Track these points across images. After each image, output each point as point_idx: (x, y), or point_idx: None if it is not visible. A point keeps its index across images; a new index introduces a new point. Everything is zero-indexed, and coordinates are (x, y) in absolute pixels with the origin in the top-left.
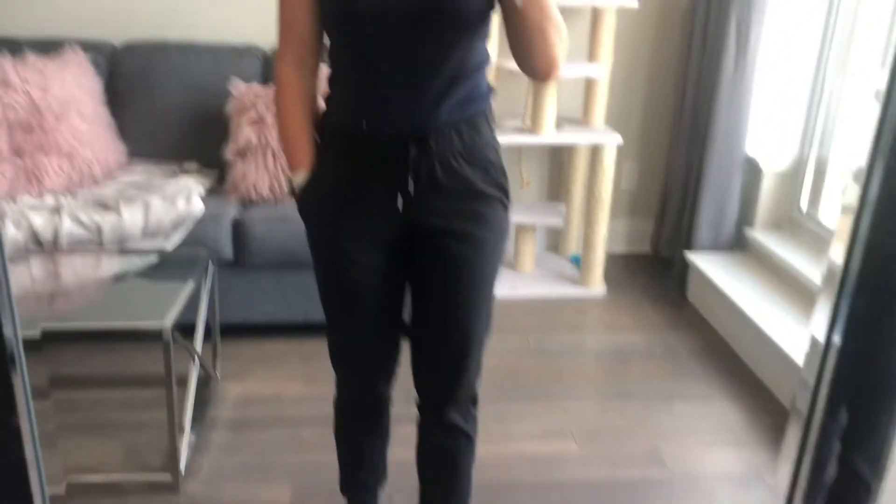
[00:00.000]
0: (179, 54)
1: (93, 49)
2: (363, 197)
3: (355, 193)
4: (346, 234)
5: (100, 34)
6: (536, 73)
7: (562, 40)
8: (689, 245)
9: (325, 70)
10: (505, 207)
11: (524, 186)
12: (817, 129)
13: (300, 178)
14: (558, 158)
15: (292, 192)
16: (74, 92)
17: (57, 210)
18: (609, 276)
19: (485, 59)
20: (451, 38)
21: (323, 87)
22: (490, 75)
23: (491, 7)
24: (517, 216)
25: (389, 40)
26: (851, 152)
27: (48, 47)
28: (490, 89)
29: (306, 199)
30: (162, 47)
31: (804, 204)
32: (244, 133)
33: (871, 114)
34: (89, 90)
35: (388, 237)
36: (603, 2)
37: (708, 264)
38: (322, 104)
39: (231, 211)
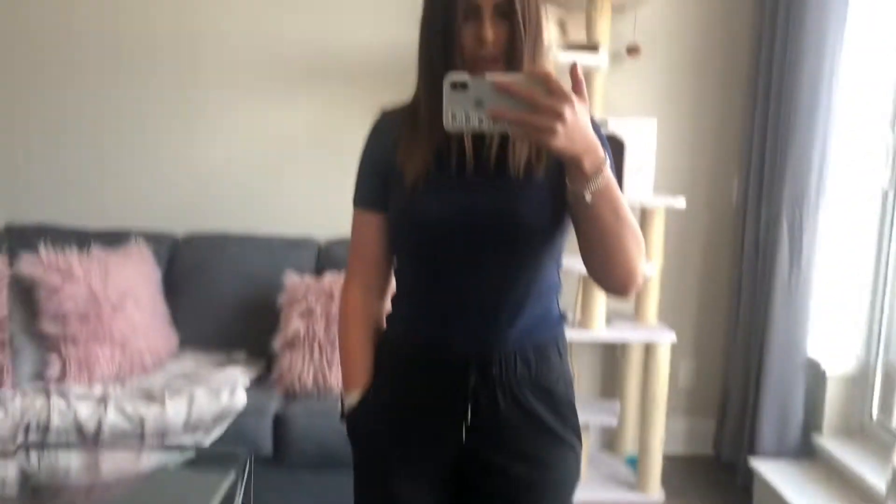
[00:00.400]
0: (237, 246)
1: (155, 240)
2: (417, 426)
3: (409, 422)
4: (395, 464)
5: (164, 226)
6: (615, 286)
7: (640, 248)
8: (752, 450)
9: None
10: (575, 452)
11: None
12: (883, 330)
13: (353, 399)
14: (611, 353)
15: (342, 412)
16: (133, 282)
17: (103, 400)
18: (668, 480)
19: (556, 283)
20: (521, 256)
21: (387, 306)
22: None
23: (561, 223)
24: None
25: (457, 255)
26: None
27: (114, 239)
28: (562, 316)
29: (357, 420)
30: (221, 239)
31: (875, 410)
32: (293, 324)
33: None
34: (148, 280)
35: (440, 470)
36: (650, 202)
37: (774, 474)
38: (384, 324)
39: (274, 405)
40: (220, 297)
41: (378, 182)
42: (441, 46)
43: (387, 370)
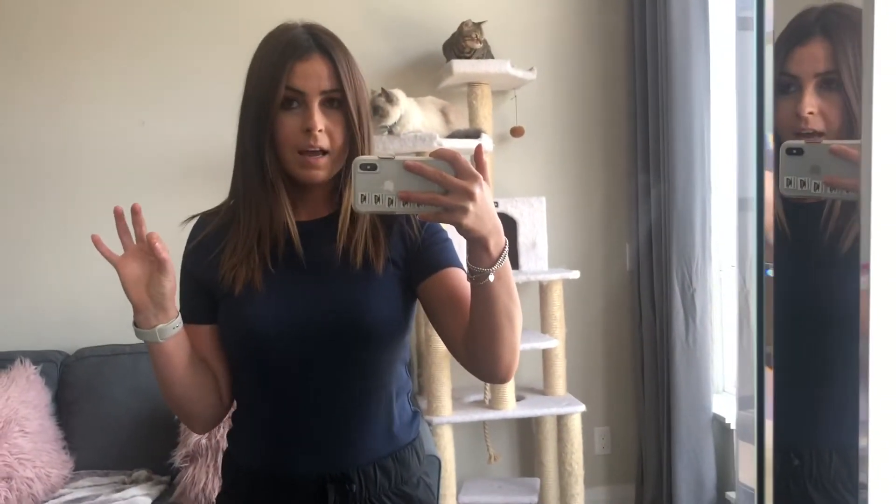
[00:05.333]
0: (130, 358)
1: (44, 359)
2: None
3: None
4: None
5: (53, 345)
6: (498, 370)
7: (521, 328)
8: None
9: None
10: None
11: (492, 461)
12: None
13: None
14: (527, 430)
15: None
16: (18, 409)
17: None
18: None
19: (405, 382)
20: (368, 360)
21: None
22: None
23: (408, 320)
24: (489, 496)
25: (298, 364)
26: None
27: None
28: (416, 414)
29: None
30: (112, 353)
31: None
32: (194, 436)
33: None
34: (35, 404)
35: None
36: (546, 276)
37: None
38: (225, 443)
39: None
40: (115, 413)
41: (204, 297)
42: (256, 137)
43: (234, 499)
